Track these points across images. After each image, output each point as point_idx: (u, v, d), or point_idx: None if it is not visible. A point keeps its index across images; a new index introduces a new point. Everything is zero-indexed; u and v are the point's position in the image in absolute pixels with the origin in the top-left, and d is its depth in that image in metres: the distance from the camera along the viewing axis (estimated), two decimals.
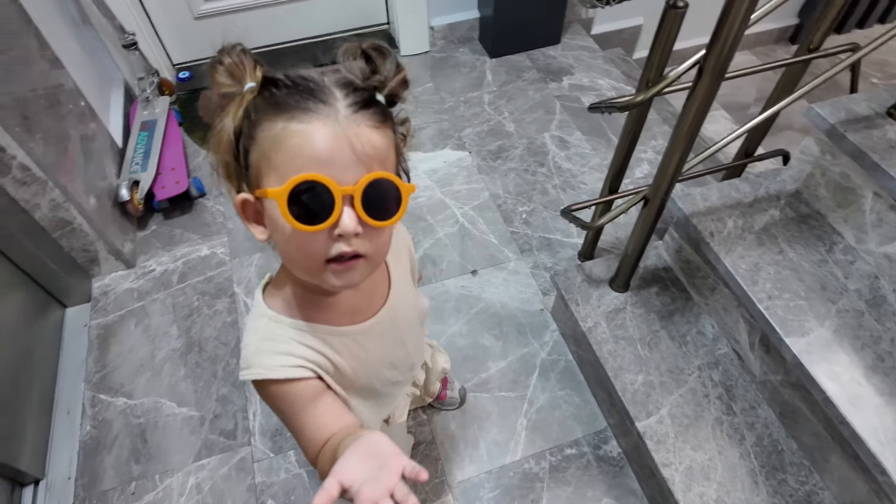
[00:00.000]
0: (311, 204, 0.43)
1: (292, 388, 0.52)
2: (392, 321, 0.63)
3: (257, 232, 0.50)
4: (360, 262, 0.48)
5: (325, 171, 0.43)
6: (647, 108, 1.01)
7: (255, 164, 0.47)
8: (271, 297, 0.56)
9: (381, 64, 0.49)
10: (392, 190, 0.47)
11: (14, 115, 1.06)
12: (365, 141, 0.45)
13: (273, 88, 0.47)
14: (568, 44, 2.09)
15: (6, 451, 1.04)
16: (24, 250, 1.19)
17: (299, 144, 0.44)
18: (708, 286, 1.09)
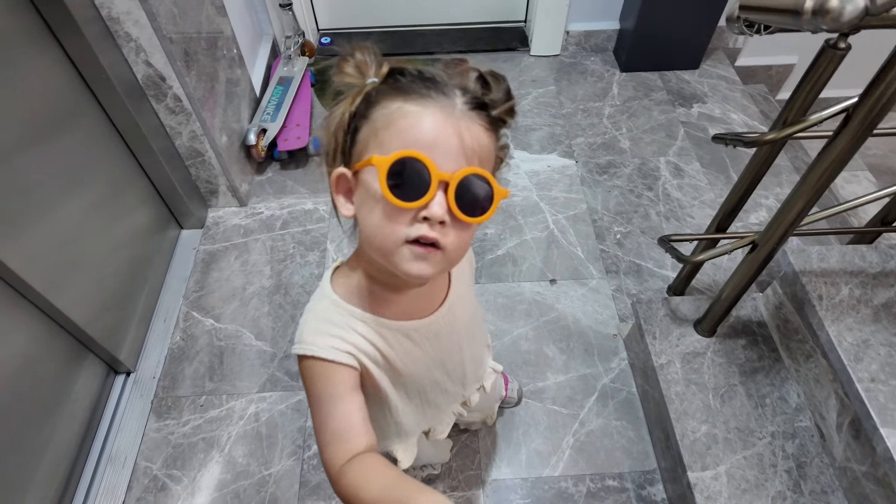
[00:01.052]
0: (407, 180, 0.44)
1: (336, 372, 0.52)
2: (449, 323, 0.62)
3: (345, 208, 0.51)
4: (437, 253, 0.47)
5: (429, 153, 0.44)
6: (778, 150, 0.95)
7: (363, 141, 0.49)
8: (337, 282, 0.57)
9: (496, 88, 0.50)
10: (486, 189, 0.47)
11: (179, 51, 1.19)
12: (474, 136, 0.46)
13: (399, 76, 0.49)
14: (707, 70, 1.99)
15: (111, 340, 1.19)
16: (161, 171, 1.35)
17: (410, 124, 0.45)
18: (803, 352, 1.01)
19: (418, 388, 0.64)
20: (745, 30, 0.70)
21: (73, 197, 1.09)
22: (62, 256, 1.05)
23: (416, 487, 0.42)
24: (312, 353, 0.52)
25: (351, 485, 0.45)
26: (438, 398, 0.69)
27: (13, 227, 0.93)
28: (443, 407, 0.73)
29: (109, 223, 1.21)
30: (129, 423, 1.18)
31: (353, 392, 0.52)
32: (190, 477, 1.11)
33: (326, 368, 0.52)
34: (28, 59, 0.98)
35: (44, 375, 1.03)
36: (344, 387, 0.52)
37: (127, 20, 1.09)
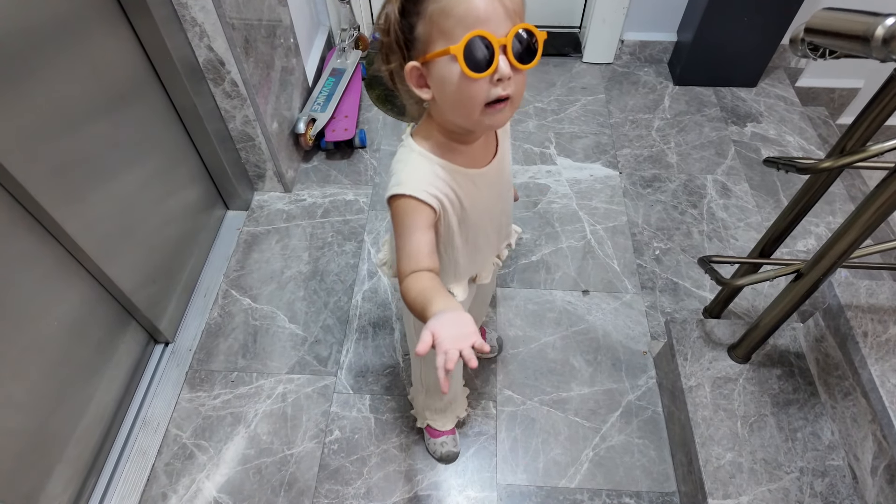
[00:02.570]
0: (478, 55, 0.54)
1: (421, 209, 0.64)
2: (498, 172, 0.74)
3: (424, 94, 0.61)
4: (507, 104, 0.58)
5: (486, 27, 0.53)
6: (833, 178, 0.91)
7: (424, 35, 0.57)
8: (419, 140, 0.68)
9: None
10: (532, 37, 0.57)
11: (240, 38, 1.24)
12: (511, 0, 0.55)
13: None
14: (764, 89, 1.92)
15: (154, 310, 1.24)
16: (213, 152, 1.40)
17: (465, 10, 0.54)
18: (842, 389, 0.97)
19: (475, 230, 0.75)
20: (808, 53, 0.68)
21: (131, 170, 1.14)
22: (115, 225, 1.10)
23: (442, 295, 0.58)
24: (408, 192, 0.63)
25: (406, 287, 0.62)
26: (486, 242, 0.82)
27: (74, 193, 0.98)
28: (487, 254, 0.85)
29: (162, 198, 1.26)
30: (164, 391, 1.23)
31: (428, 229, 0.65)
32: (216, 448, 1.15)
33: (415, 206, 0.64)
34: (101, 36, 1.03)
35: (91, 337, 1.09)
36: (423, 222, 0.64)
37: (194, 6, 1.14)
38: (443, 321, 0.52)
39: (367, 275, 1.43)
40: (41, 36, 0.88)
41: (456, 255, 0.76)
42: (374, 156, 1.72)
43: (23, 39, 0.85)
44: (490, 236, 0.82)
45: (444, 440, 1.13)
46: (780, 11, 1.70)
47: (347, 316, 1.36)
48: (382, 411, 1.20)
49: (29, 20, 0.86)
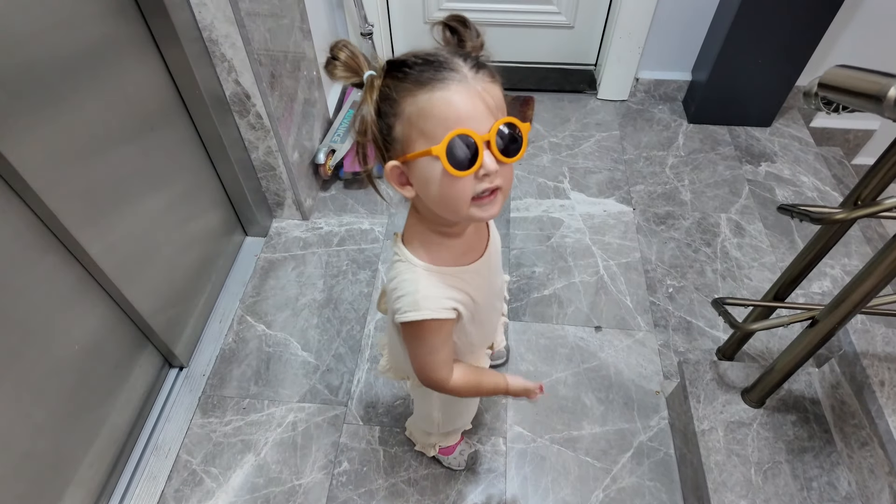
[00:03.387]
0: (459, 154, 0.53)
1: (445, 326, 0.66)
2: (492, 254, 0.74)
3: (406, 192, 0.60)
4: (497, 194, 0.58)
5: (467, 125, 0.53)
6: (848, 227, 0.92)
7: (403, 135, 0.56)
8: (414, 250, 0.66)
9: (465, 33, 0.58)
10: (516, 130, 0.55)
11: (266, 72, 1.28)
12: (491, 94, 0.55)
13: (405, 69, 0.55)
14: (779, 129, 1.94)
15: (170, 334, 1.26)
16: (235, 180, 1.43)
17: (445, 109, 0.53)
18: (858, 439, 0.96)
19: (488, 313, 0.78)
20: (822, 107, 0.69)
21: (154, 195, 1.17)
22: (136, 249, 1.13)
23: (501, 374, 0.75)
24: (432, 316, 0.64)
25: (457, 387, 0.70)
26: (493, 316, 0.83)
27: (98, 215, 1.01)
28: (495, 323, 0.87)
29: (183, 223, 1.30)
30: (177, 416, 1.24)
31: (451, 334, 0.68)
32: (225, 476, 1.16)
33: (439, 325, 0.66)
34: (133, 64, 1.07)
35: (108, 360, 1.11)
36: (447, 333, 0.68)
37: (225, 42, 1.19)
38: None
39: None
40: (76, 63, 0.93)
41: (470, 339, 0.78)
42: (390, 186, 1.74)
43: (58, 66, 0.89)
44: (496, 307, 0.84)
45: (461, 449, 1.16)
46: (795, 55, 1.73)
47: (360, 345, 1.36)
48: (392, 444, 1.20)
49: (65, 47, 0.91)
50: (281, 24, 1.35)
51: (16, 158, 0.81)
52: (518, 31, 2.02)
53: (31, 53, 0.84)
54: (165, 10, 1.06)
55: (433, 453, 1.14)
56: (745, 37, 1.68)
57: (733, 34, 1.68)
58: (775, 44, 1.70)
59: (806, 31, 1.66)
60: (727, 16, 1.68)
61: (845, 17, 1.69)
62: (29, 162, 0.84)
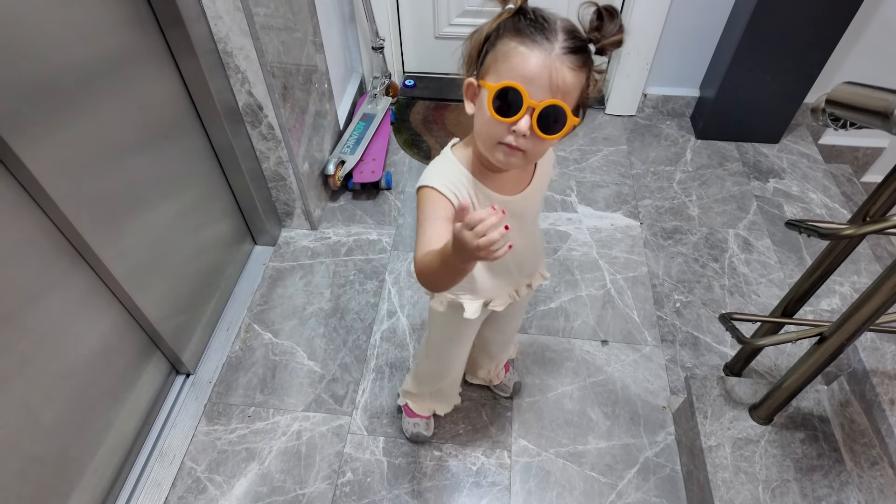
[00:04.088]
0: (507, 102, 0.60)
1: (439, 200, 0.70)
2: (523, 208, 0.78)
3: (468, 106, 0.68)
4: (519, 154, 0.64)
5: (526, 85, 0.59)
6: (856, 244, 0.91)
7: (488, 62, 0.64)
8: (455, 151, 0.74)
9: (607, 24, 0.62)
10: (562, 116, 0.61)
11: (279, 84, 1.30)
12: (560, 76, 0.60)
13: (522, 17, 0.62)
14: (787, 146, 1.94)
15: (178, 341, 1.27)
16: (245, 189, 1.45)
17: (518, 61, 0.60)
18: (868, 458, 0.94)
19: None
20: (829, 123, 0.70)
21: (166, 203, 1.19)
22: (147, 256, 1.14)
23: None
24: (429, 184, 0.70)
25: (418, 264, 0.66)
26: (504, 272, 0.85)
27: (112, 222, 1.03)
28: (503, 283, 0.88)
29: (193, 231, 1.31)
30: (182, 423, 1.25)
31: (446, 221, 0.69)
32: (229, 484, 1.16)
33: (434, 197, 0.70)
34: (149, 75, 1.10)
35: (116, 365, 1.11)
36: (441, 213, 0.69)
37: (239, 54, 1.21)
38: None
39: (386, 314, 1.45)
40: (95, 73, 0.95)
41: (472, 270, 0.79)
42: (398, 197, 1.76)
43: (78, 76, 0.91)
44: (508, 266, 0.85)
45: (417, 422, 1.20)
46: (803, 72, 1.74)
47: (365, 355, 1.37)
48: (396, 455, 1.20)
49: (86, 58, 0.93)
50: (294, 37, 1.37)
51: (34, 165, 0.83)
52: None
53: (52, 64, 0.86)
54: (182, 23, 1.09)
55: (401, 403, 1.22)
56: (753, 54, 1.70)
57: (741, 51, 1.69)
58: (784, 61, 1.70)
59: (814, 48, 1.67)
60: (735, 33, 1.70)
61: (854, 34, 1.70)
62: (47, 168, 0.86)
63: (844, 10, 1.57)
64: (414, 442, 1.22)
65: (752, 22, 1.62)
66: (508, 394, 1.27)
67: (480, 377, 1.26)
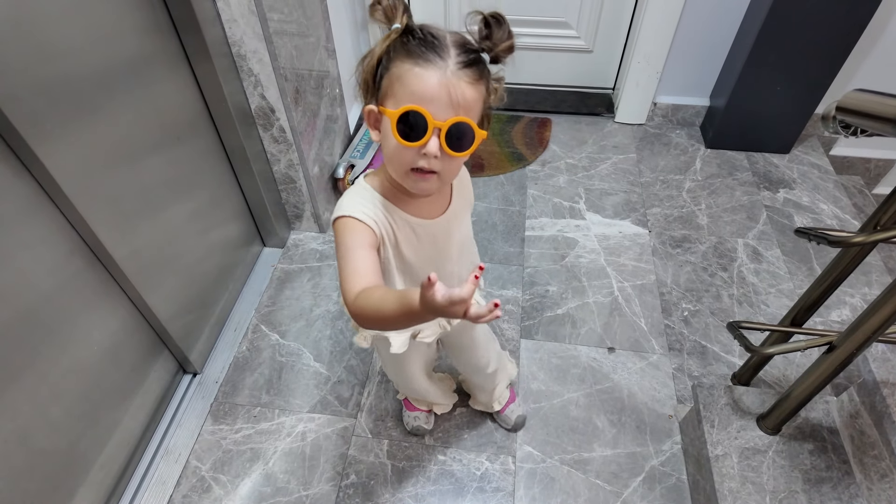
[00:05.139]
0: (411, 126, 0.59)
1: (360, 228, 0.67)
2: (445, 231, 0.77)
3: (374, 135, 0.67)
4: (433, 177, 0.64)
5: (427, 106, 0.58)
6: (868, 252, 0.91)
7: (385, 87, 0.63)
8: (370, 180, 0.73)
9: (496, 31, 0.62)
10: (469, 132, 0.61)
11: (291, 88, 1.32)
12: (460, 92, 0.59)
13: (410, 37, 0.61)
14: (798, 157, 1.93)
15: (186, 340, 1.28)
16: (256, 191, 1.46)
17: (415, 83, 0.59)
18: (879, 470, 0.93)
19: (415, 278, 0.77)
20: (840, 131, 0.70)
21: (178, 204, 1.20)
22: (158, 255, 1.15)
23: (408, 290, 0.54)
24: (345, 213, 0.67)
25: (359, 305, 0.59)
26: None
27: (125, 221, 1.04)
28: None
29: (204, 231, 1.32)
30: (189, 422, 1.25)
31: (370, 248, 0.67)
32: (233, 484, 1.16)
33: (353, 225, 0.67)
34: (165, 77, 1.11)
35: (125, 363, 1.12)
36: (364, 240, 0.67)
37: (252, 58, 1.23)
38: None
39: None
40: (112, 75, 0.97)
41: None
42: None
43: (96, 77, 0.93)
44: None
45: (417, 415, 1.21)
46: (814, 82, 1.73)
47: (371, 358, 1.37)
48: (400, 458, 1.20)
49: (103, 60, 0.95)
50: (307, 42, 1.39)
51: (52, 163, 0.85)
52: (538, 55, 2.06)
53: (72, 66, 0.88)
54: (198, 26, 1.11)
55: (401, 396, 1.24)
56: (763, 63, 1.69)
57: (752, 61, 1.69)
58: (794, 71, 1.70)
59: (825, 58, 1.66)
60: (746, 42, 1.70)
61: (866, 45, 1.69)
62: (63, 167, 0.87)
63: (856, 19, 1.57)
64: (415, 435, 1.22)
65: (763, 31, 1.62)
66: (509, 426, 1.22)
67: (481, 403, 1.22)
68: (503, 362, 1.16)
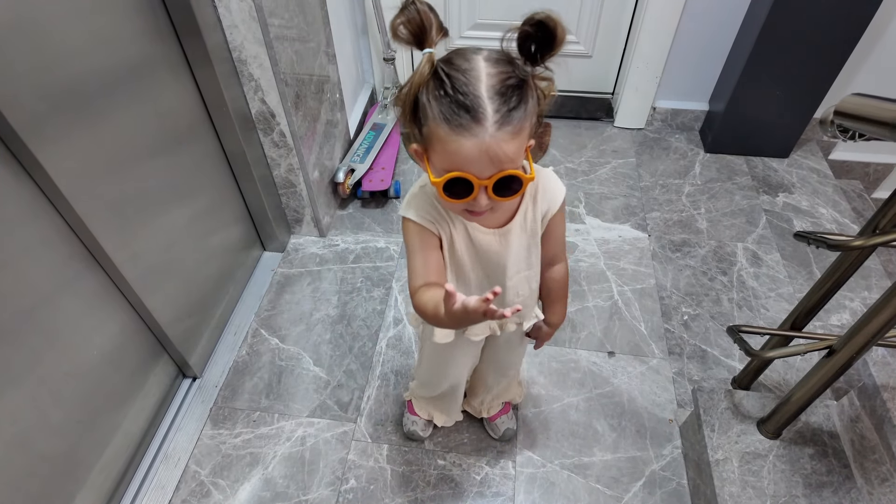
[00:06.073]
0: (457, 188, 0.61)
1: (423, 231, 0.72)
2: (501, 244, 0.76)
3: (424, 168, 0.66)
4: (487, 212, 0.66)
5: (469, 168, 0.59)
6: (867, 255, 0.91)
7: (427, 135, 0.62)
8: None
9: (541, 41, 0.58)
10: (516, 180, 0.62)
11: (291, 93, 1.32)
12: (502, 151, 0.59)
13: (444, 88, 0.57)
14: (797, 161, 1.94)
15: (186, 344, 1.28)
16: (256, 196, 1.47)
17: (454, 149, 0.59)
18: (879, 474, 0.93)
19: (466, 279, 0.79)
20: (838, 135, 0.70)
21: (178, 208, 1.20)
22: (159, 259, 1.16)
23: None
24: (406, 216, 0.72)
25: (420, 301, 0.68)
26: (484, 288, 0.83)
27: (125, 225, 1.04)
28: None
29: (204, 235, 1.33)
30: (188, 426, 1.25)
31: (434, 249, 0.72)
32: (232, 488, 1.16)
33: (413, 228, 0.72)
34: (165, 82, 1.12)
35: (125, 367, 1.12)
36: (425, 242, 0.72)
37: (253, 63, 1.23)
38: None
39: (392, 322, 1.45)
40: (114, 79, 0.97)
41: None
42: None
43: (97, 81, 0.93)
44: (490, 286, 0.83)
45: (416, 420, 1.21)
46: (813, 87, 1.74)
47: (371, 362, 1.37)
48: (399, 463, 1.19)
49: (105, 64, 0.95)
50: (307, 47, 1.40)
51: (52, 167, 0.85)
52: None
53: (73, 70, 0.88)
54: (199, 32, 1.11)
55: (406, 397, 1.23)
56: (762, 68, 1.70)
57: (751, 65, 1.70)
58: (793, 75, 1.71)
59: (824, 63, 1.67)
60: (745, 47, 1.71)
61: (865, 49, 1.70)
62: (64, 171, 0.87)
63: (855, 24, 1.57)
64: (409, 439, 1.22)
65: (762, 36, 1.63)
66: (497, 436, 1.21)
67: (473, 406, 1.20)
68: (517, 378, 1.19)
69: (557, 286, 0.89)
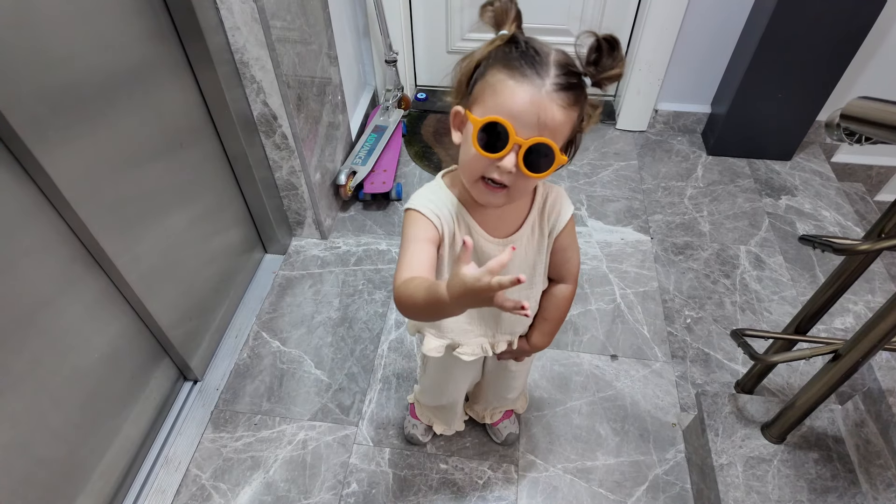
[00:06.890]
0: (492, 137, 0.58)
1: (422, 221, 0.69)
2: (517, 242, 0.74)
3: (455, 136, 0.66)
4: (502, 191, 0.62)
5: (513, 121, 0.57)
6: (872, 259, 0.90)
7: (476, 92, 0.61)
8: (447, 178, 0.74)
9: (606, 58, 0.58)
10: (550, 154, 0.59)
11: (293, 95, 1.32)
12: (550, 114, 0.57)
13: (514, 47, 0.59)
14: (799, 163, 1.93)
15: (187, 347, 1.27)
16: (258, 198, 1.46)
17: (506, 95, 0.57)
18: (884, 479, 0.92)
19: None
20: (844, 138, 0.69)
21: (180, 210, 1.20)
22: (160, 261, 1.15)
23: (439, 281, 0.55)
24: (412, 206, 0.70)
25: (400, 290, 0.61)
26: (479, 318, 0.82)
27: (126, 227, 1.04)
28: (476, 331, 0.84)
29: (206, 238, 1.32)
30: (189, 430, 1.24)
31: (428, 242, 0.68)
32: (234, 493, 1.15)
33: (417, 218, 0.69)
34: (168, 84, 1.12)
35: (126, 370, 1.12)
36: (424, 234, 0.68)
37: (255, 65, 1.23)
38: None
39: (394, 324, 1.45)
40: (115, 82, 0.97)
41: None
42: None
43: (99, 84, 0.93)
44: (483, 313, 0.81)
45: (416, 424, 1.21)
46: (816, 90, 1.74)
47: (373, 365, 1.36)
48: (401, 467, 1.19)
49: (107, 67, 0.95)
50: (309, 49, 1.39)
51: (54, 170, 0.85)
52: None
53: (75, 72, 0.88)
54: (201, 34, 1.11)
55: (410, 400, 1.23)
56: (765, 71, 1.70)
57: (754, 68, 1.69)
58: (796, 78, 1.70)
59: (827, 65, 1.67)
60: (747, 49, 1.70)
61: (867, 52, 1.70)
62: (66, 174, 0.87)
63: (858, 27, 1.57)
64: (408, 443, 1.22)
65: (765, 38, 1.62)
66: (500, 440, 1.21)
67: (476, 411, 1.20)
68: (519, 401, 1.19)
69: (554, 304, 0.84)
